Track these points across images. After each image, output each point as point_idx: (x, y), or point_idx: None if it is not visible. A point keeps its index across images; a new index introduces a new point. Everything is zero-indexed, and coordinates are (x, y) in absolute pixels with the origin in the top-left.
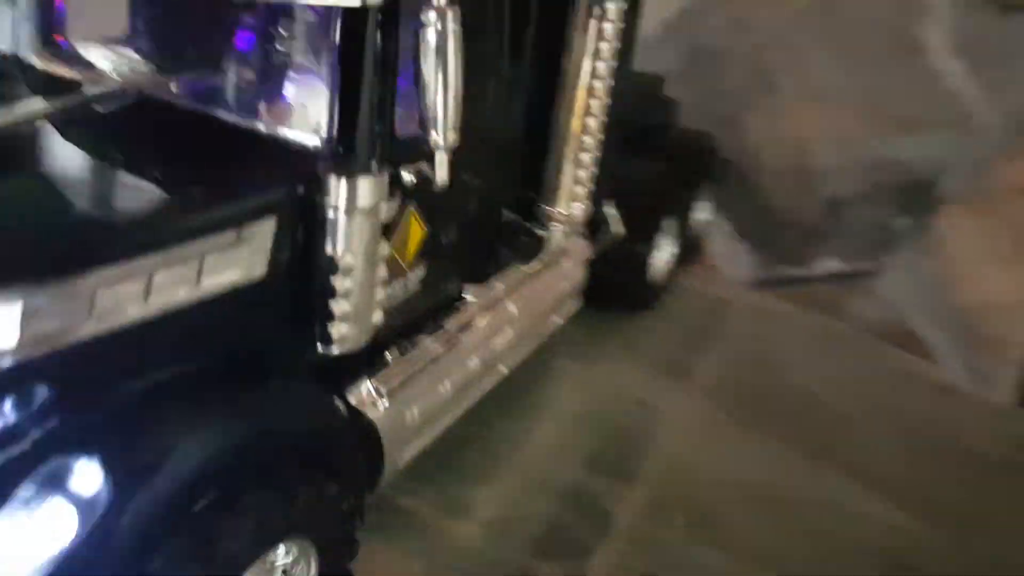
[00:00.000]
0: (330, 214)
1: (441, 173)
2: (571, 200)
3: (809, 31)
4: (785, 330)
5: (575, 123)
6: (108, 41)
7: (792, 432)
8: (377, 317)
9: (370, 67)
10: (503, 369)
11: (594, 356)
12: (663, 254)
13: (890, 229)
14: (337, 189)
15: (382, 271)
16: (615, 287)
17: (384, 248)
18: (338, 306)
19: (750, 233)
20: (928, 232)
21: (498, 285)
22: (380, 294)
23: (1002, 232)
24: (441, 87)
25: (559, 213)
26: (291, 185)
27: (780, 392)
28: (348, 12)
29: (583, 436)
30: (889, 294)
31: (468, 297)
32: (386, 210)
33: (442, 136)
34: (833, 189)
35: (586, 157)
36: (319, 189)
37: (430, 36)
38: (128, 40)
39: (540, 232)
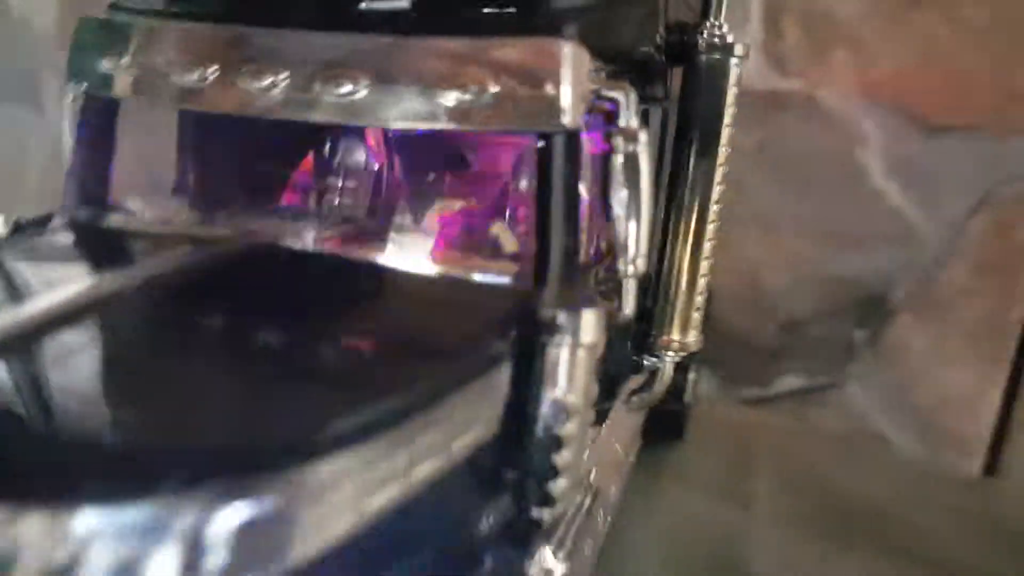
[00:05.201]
0: (555, 354)
1: (629, 303)
2: (686, 327)
3: (759, 169)
4: (800, 443)
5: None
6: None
7: (868, 540)
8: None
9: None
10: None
11: (653, 490)
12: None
13: (847, 342)
14: (562, 326)
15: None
16: (665, 415)
17: (595, 387)
18: (562, 458)
19: (711, 357)
20: (883, 341)
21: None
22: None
23: (951, 334)
24: (634, 214)
25: (674, 341)
26: (515, 328)
27: (836, 504)
28: (545, 139)
29: (684, 570)
30: (851, 403)
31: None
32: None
33: (631, 265)
34: (789, 309)
35: (703, 281)
36: (539, 329)
37: (618, 160)
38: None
39: (652, 362)
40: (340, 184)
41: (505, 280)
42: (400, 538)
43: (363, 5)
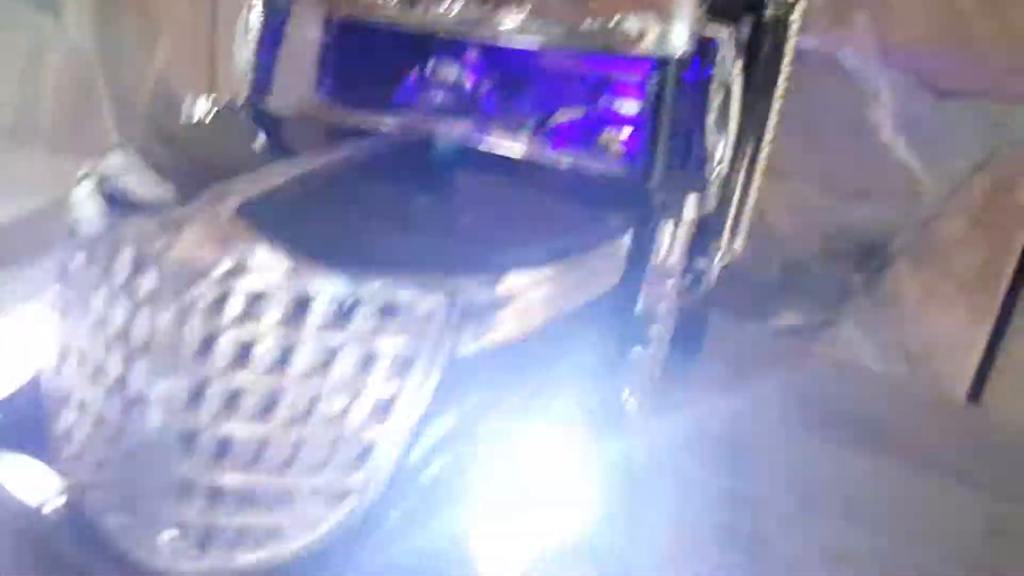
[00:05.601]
0: (664, 225)
1: (712, 198)
2: (734, 233)
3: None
4: (801, 364)
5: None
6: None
7: (866, 441)
8: None
9: (683, 109)
10: None
11: (665, 388)
12: None
13: (846, 284)
14: (670, 205)
15: None
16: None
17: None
18: (663, 306)
19: (714, 290)
20: (880, 285)
21: None
22: None
23: (944, 280)
24: (723, 130)
25: (726, 244)
26: (639, 204)
27: (835, 411)
28: (660, 64)
29: (698, 450)
30: (847, 340)
31: None
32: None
33: (715, 170)
34: (792, 250)
35: (754, 197)
36: (653, 206)
37: (714, 86)
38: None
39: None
40: (486, 92)
41: (620, 171)
42: (558, 345)
43: None
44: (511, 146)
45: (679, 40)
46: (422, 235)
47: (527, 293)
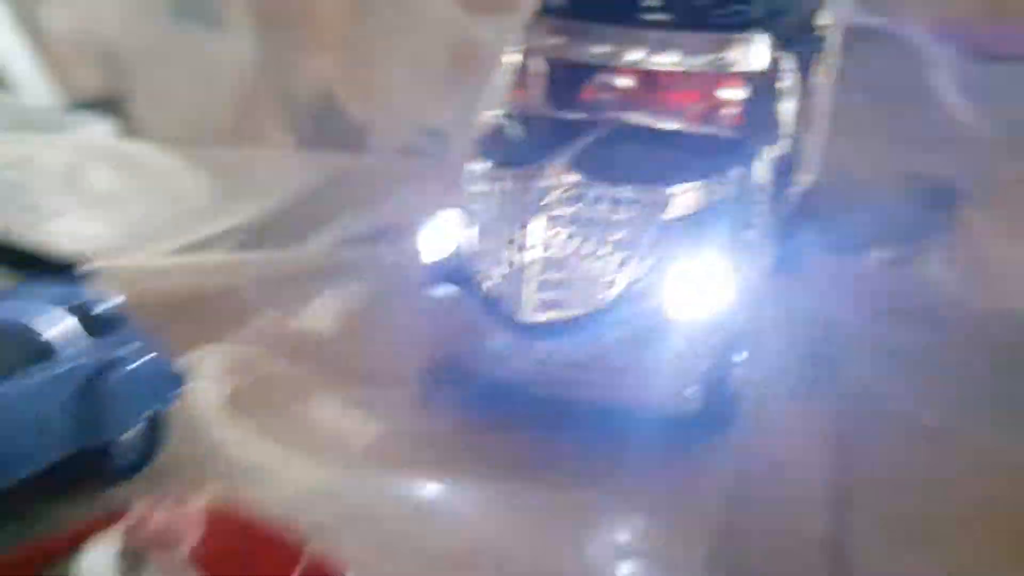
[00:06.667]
0: (757, 162)
1: (783, 149)
2: (803, 170)
3: (851, 89)
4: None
5: None
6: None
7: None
8: None
9: (767, 99)
10: None
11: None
12: None
13: (925, 224)
14: (761, 160)
15: None
16: None
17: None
18: (759, 211)
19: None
20: (954, 222)
21: None
22: None
23: (1007, 216)
24: (786, 116)
25: (799, 178)
26: (743, 151)
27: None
28: (752, 75)
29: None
30: (929, 271)
31: None
32: None
33: (783, 130)
34: (876, 197)
35: (814, 146)
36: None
37: (781, 86)
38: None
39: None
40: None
41: (732, 134)
42: (704, 225)
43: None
44: (665, 124)
45: (762, 63)
46: (637, 169)
47: (689, 193)
